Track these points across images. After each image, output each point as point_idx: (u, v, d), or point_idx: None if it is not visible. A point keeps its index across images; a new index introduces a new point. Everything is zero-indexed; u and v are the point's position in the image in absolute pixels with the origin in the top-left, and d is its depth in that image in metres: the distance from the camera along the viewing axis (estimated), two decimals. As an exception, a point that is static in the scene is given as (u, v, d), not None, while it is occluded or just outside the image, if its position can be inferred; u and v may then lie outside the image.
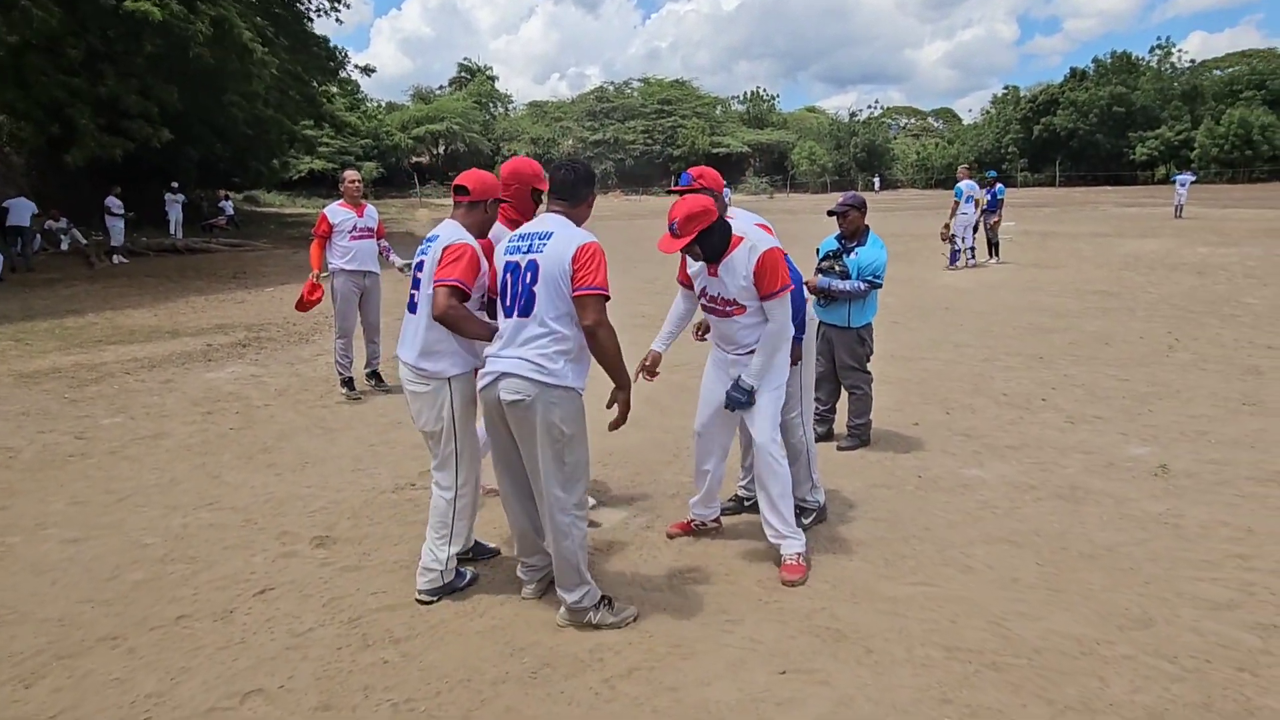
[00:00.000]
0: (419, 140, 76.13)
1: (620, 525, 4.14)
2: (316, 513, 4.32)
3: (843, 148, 72.28)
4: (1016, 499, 4.31)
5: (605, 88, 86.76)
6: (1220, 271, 13.49)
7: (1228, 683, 2.68)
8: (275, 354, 8.67)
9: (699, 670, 2.83)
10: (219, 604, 3.35)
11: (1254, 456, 4.84)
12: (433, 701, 2.69)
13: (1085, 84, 64.54)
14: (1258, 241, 17.86)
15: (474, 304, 3.28)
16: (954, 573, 3.51)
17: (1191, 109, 61.25)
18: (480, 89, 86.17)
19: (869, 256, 5.00)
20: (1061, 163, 63.96)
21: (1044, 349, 8.06)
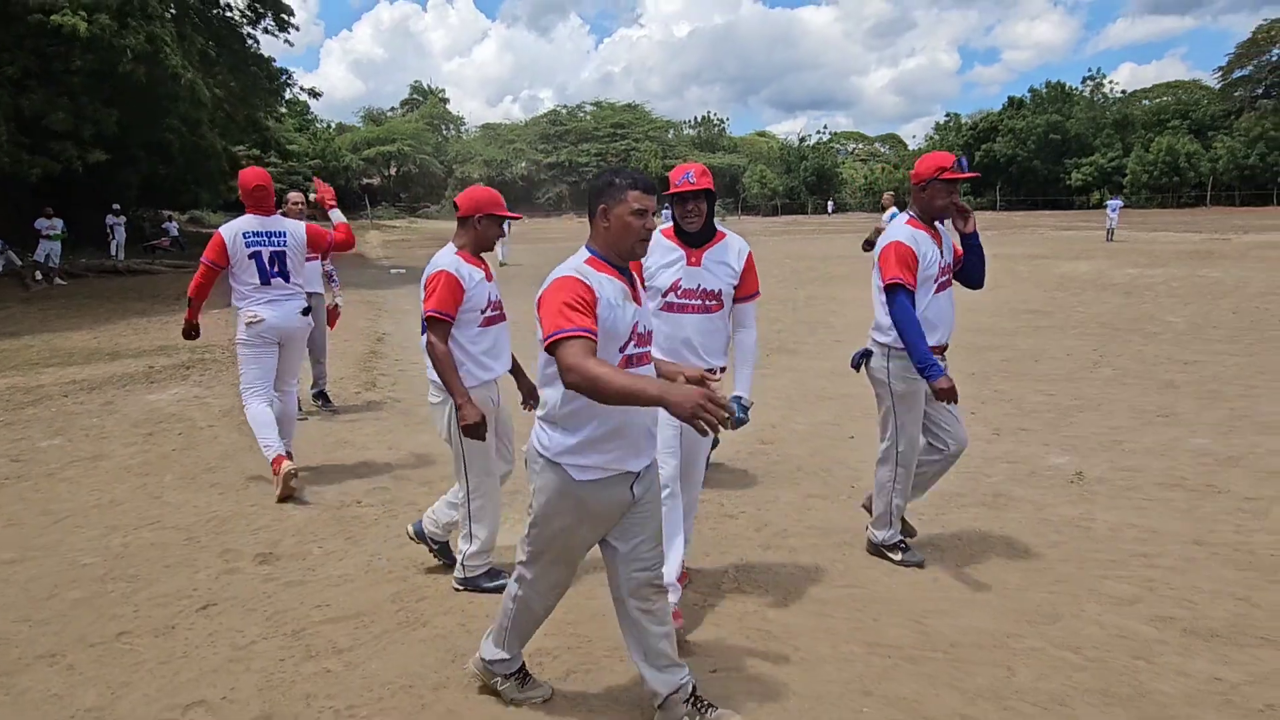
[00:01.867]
0: (370, 162, 75.67)
1: (564, 537, 4.24)
2: (260, 530, 4.34)
3: (793, 171, 73.66)
4: (943, 506, 4.52)
5: (559, 111, 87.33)
6: (1146, 291, 14.14)
7: (1124, 670, 2.89)
8: (219, 375, 8.59)
9: (635, 672, 2.94)
10: (160, 620, 3.37)
11: (1163, 464, 5.14)
12: (374, 707, 2.75)
13: (1023, 112, 66.96)
14: (1182, 263, 18.72)
15: (474, 320, 3.48)
16: (879, 575, 3.69)
17: (1123, 137, 63.88)
18: (432, 111, 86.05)
19: None
20: (1001, 188, 66.10)
21: (978, 366, 8.39)
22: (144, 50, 16.98)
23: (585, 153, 78.43)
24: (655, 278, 3.30)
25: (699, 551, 3.94)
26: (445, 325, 3.39)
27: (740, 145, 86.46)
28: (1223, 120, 62.00)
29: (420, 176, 78.12)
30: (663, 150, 77.72)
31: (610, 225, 2.43)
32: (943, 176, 3.56)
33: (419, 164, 76.85)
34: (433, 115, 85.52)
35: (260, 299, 5.04)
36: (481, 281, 3.51)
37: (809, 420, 6.46)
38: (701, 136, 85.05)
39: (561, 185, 78.30)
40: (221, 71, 25.09)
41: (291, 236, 5.15)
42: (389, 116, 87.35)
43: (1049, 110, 65.85)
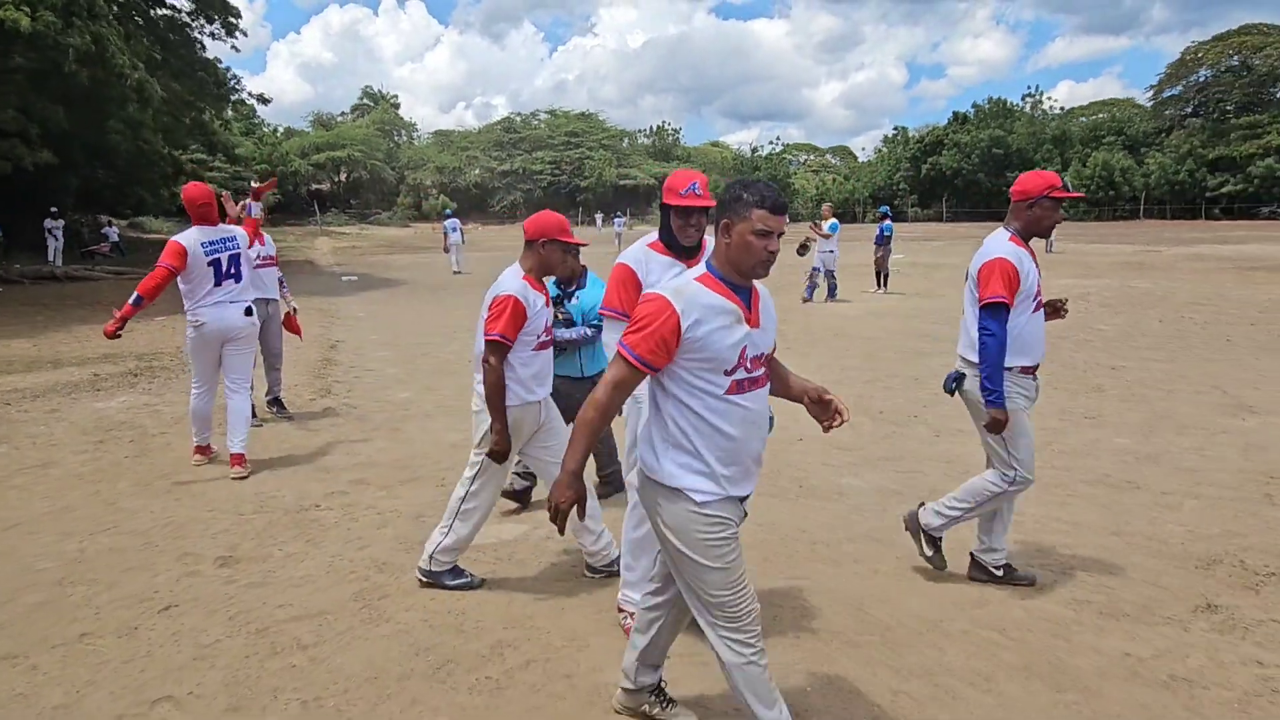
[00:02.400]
0: (319, 167, 74.54)
1: (522, 538, 4.37)
2: (219, 534, 4.38)
3: (745, 182, 74.51)
4: (884, 503, 4.76)
5: (512, 118, 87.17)
6: (1080, 301, 14.72)
7: (1044, 648, 3.13)
8: (169, 383, 8.50)
9: (591, 659, 3.09)
10: (122, 621, 3.41)
11: (1088, 463, 5.47)
12: (341, 699, 2.86)
13: (967, 127, 68.91)
14: (1115, 274, 19.54)
15: (529, 344, 3.56)
16: (824, 566, 3.90)
17: (1061, 152, 66.15)
18: (384, 116, 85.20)
19: (593, 299, 4.64)
20: (948, 199, 67.91)
21: (920, 371, 8.71)
22: (88, 50, 16.59)
23: (540, 160, 78.37)
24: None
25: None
26: (505, 349, 3.47)
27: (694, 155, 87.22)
28: (1155, 137, 64.59)
29: (371, 183, 77.24)
30: (617, 159, 78.09)
31: (731, 242, 2.30)
32: (1052, 194, 3.54)
33: (370, 170, 75.97)
34: (384, 121, 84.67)
35: (208, 302, 5.30)
36: (542, 308, 3.60)
37: (759, 424, 6.68)
38: (656, 146, 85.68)
39: (516, 193, 78.08)
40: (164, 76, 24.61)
41: (241, 239, 5.54)
42: (339, 121, 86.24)
43: (991, 125, 67.91)
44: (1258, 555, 3.93)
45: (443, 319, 13.64)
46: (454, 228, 23.68)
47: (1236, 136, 58.15)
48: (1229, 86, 61.34)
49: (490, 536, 4.31)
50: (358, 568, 3.95)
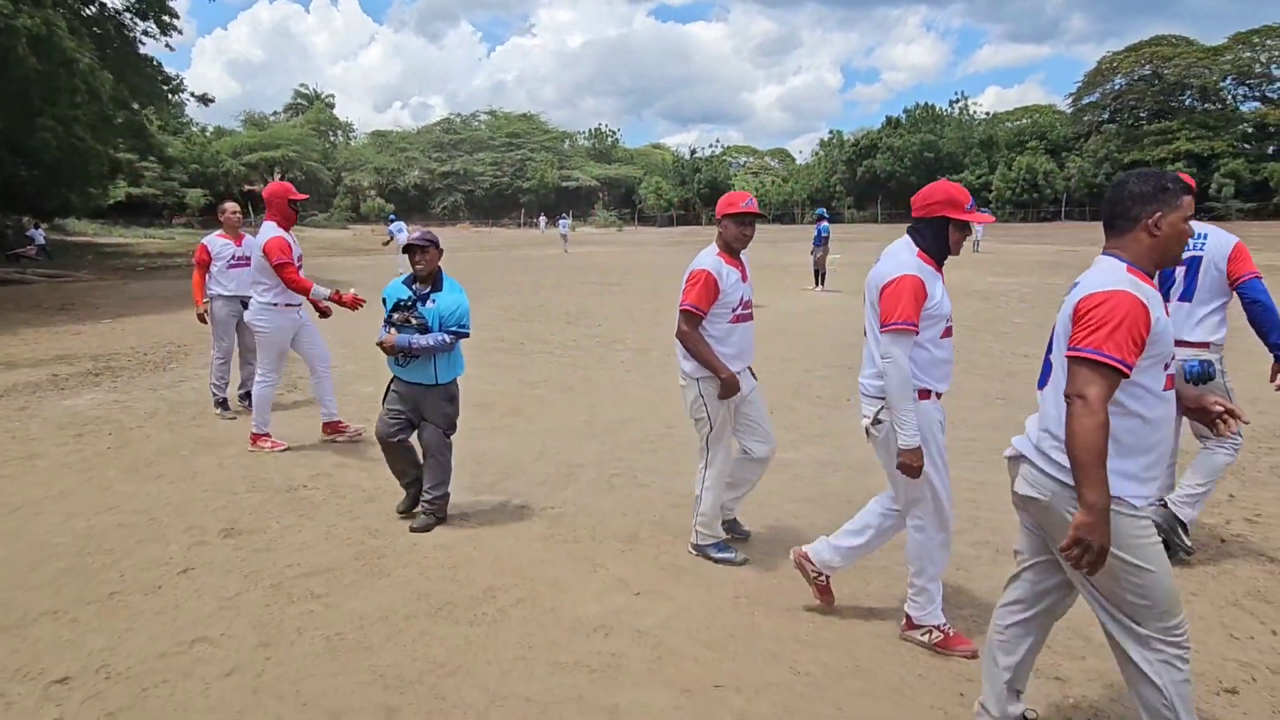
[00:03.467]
0: (252, 168, 72.99)
1: (500, 506, 4.84)
2: (218, 510, 4.75)
3: (687, 183, 75.62)
4: (820, 471, 5.38)
5: (452, 119, 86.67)
6: (1001, 297, 15.77)
7: (950, 579, 3.75)
8: (133, 381, 8.69)
9: (573, 598, 3.61)
10: (146, 582, 3.79)
11: (996, 436, 6.18)
12: (358, 634, 3.31)
13: (900, 131, 71.18)
14: (1034, 272, 20.78)
15: (725, 316, 3.81)
16: (770, 523, 4.49)
17: (988, 156, 68.82)
18: (319, 116, 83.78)
19: (450, 303, 4.47)
20: (882, 201, 70.02)
21: (854, 361, 9.36)
22: (40, 34, 16.25)
23: (481, 162, 78.15)
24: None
25: (615, 511, 4.64)
26: (696, 319, 3.76)
27: (635, 157, 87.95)
28: (1074, 142, 67.70)
29: (307, 184, 75.86)
30: (559, 161, 78.36)
31: (1163, 233, 2.22)
32: None
33: (306, 170, 74.71)
34: (319, 121, 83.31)
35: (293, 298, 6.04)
36: (738, 281, 3.82)
37: (707, 409, 7.26)
38: (596, 148, 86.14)
39: (457, 194, 77.73)
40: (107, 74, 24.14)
41: None
42: (272, 121, 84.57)
43: (922, 130, 70.28)
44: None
45: (396, 318, 13.92)
46: (399, 229, 23.73)
47: (1149, 142, 61.44)
48: (1142, 94, 64.76)
49: (471, 506, 4.79)
50: (353, 535, 4.38)
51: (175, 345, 11.18)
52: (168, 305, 16.41)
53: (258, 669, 3.07)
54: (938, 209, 3.09)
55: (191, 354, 10.42)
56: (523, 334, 11.82)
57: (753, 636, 3.28)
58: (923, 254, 3.13)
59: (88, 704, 2.86)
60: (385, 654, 3.16)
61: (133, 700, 2.88)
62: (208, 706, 2.84)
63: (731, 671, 3.02)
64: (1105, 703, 2.83)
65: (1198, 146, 59.05)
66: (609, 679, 2.98)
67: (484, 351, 10.37)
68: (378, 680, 2.98)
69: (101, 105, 20.57)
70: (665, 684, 2.95)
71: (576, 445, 6.09)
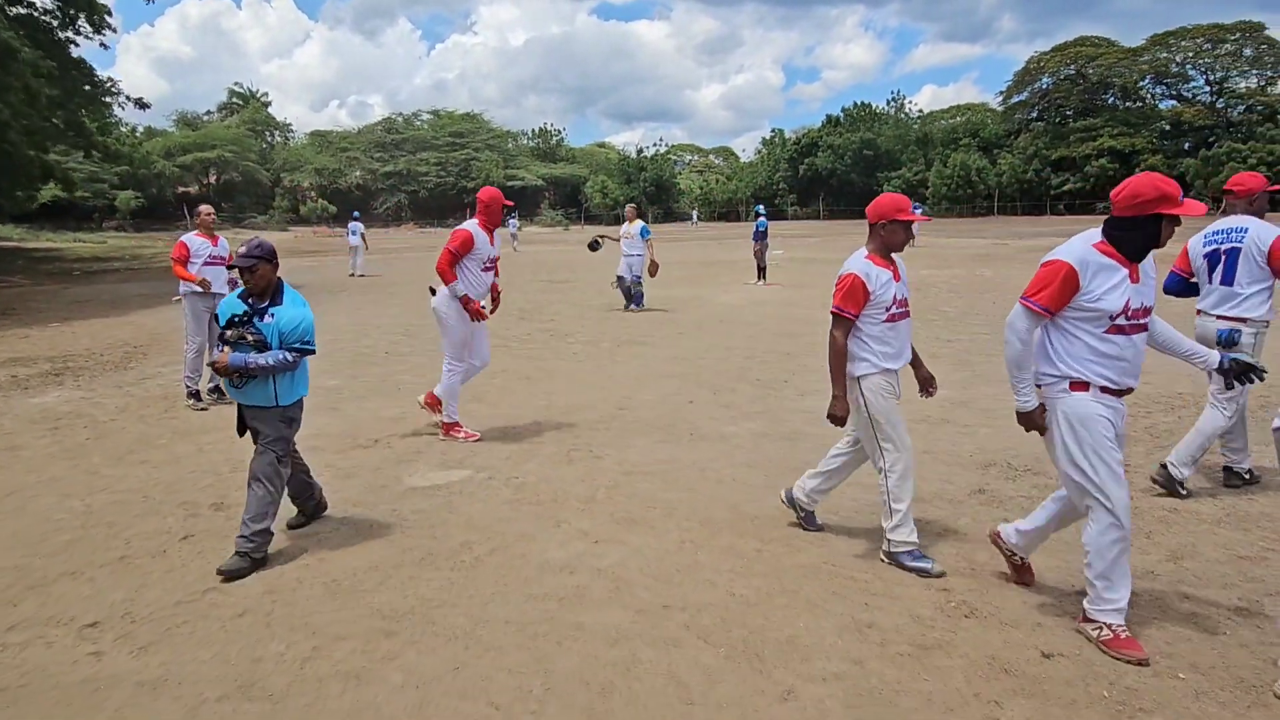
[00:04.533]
0: (186, 169, 71.43)
1: (468, 479, 5.32)
2: (206, 488, 5.14)
3: (633, 182, 76.17)
4: (757, 442, 5.98)
5: (394, 119, 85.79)
6: (931, 288, 16.67)
7: (866, 519, 4.37)
8: (97, 379, 8.90)
9: (539, 546, 4.13)
10: (151, 547, 4.19)
11: (916, 408, 6.79)
12: (353, 580, 3.78)
13: (839, 129, 72.86)
14: (964, 265, 21.86)
15: (879, 317, 3.78)
16: (711, 484, 5.05)
17: (924, 153, 70.93)
18: (255, 116, 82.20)
19: (292, 318, 4.05)
20: (825, 198, 71.64)
21: (791, 348, 10.09)
22: None
23: (424, 162, 77.59)
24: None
25: (573, 478, 5.17)
26: (847, 322, 3.77)
27: (580, 156, 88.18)
28: (1005, 139, 70.18)
29: (245, 185, 74.54)
30: (504, 160, 78.20)
31: None
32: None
33: (243, 171, 73.35)
34: (255, 120, 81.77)
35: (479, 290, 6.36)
36: (889, 281, 3.78)
37: (657, 392, 7.81)
38: (541, 147, 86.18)
39: (400, 195, 77.08)
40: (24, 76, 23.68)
41: None
42: (205, 121, 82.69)
43: (861, 128, 72.07)
44: (1022, 460, 5.36)
45: (349, 317, 14.18)
46: (354, 230, 23.76)
47: (1075, 139, 64.11)
48: (1067, 93, 67.47)
49: (441, 480, 5.26)
50: (336, 505, 4.82)
51: (131, 346, 11.31)
52: (115, 309, 16.37)
53: (267, 609, 3.52)
54: (1151, 206, 3.04)
55: (150, 354, 10.60)
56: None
57: (695, 570, 3.84)
58: (1103, 244, 3.15)
59: (119, 642, 3.28)
60: (379, 595, 3.64)
61: (159, 637, 3.31)
62: (227, 639, 3.29)
63: (677, 596, 3.57)
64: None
65: (1120, 143, 61.85)
66: (575, 604, 3.51)
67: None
68: (375, 613, 3.46)
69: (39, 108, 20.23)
70: (622, 606, 3.49)
71: (536, 425, 6.59)
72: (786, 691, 2.85)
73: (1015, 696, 2.78)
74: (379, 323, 13.23)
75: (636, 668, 3.02)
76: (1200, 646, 3.08)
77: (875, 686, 2.86)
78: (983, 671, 2.93)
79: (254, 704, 2.83)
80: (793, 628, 3.28)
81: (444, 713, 2.76)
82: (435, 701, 2.83)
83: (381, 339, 11.52)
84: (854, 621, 3.33)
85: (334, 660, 3.10)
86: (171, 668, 3.07)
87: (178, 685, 2.95)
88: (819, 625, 3.30)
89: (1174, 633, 3.19)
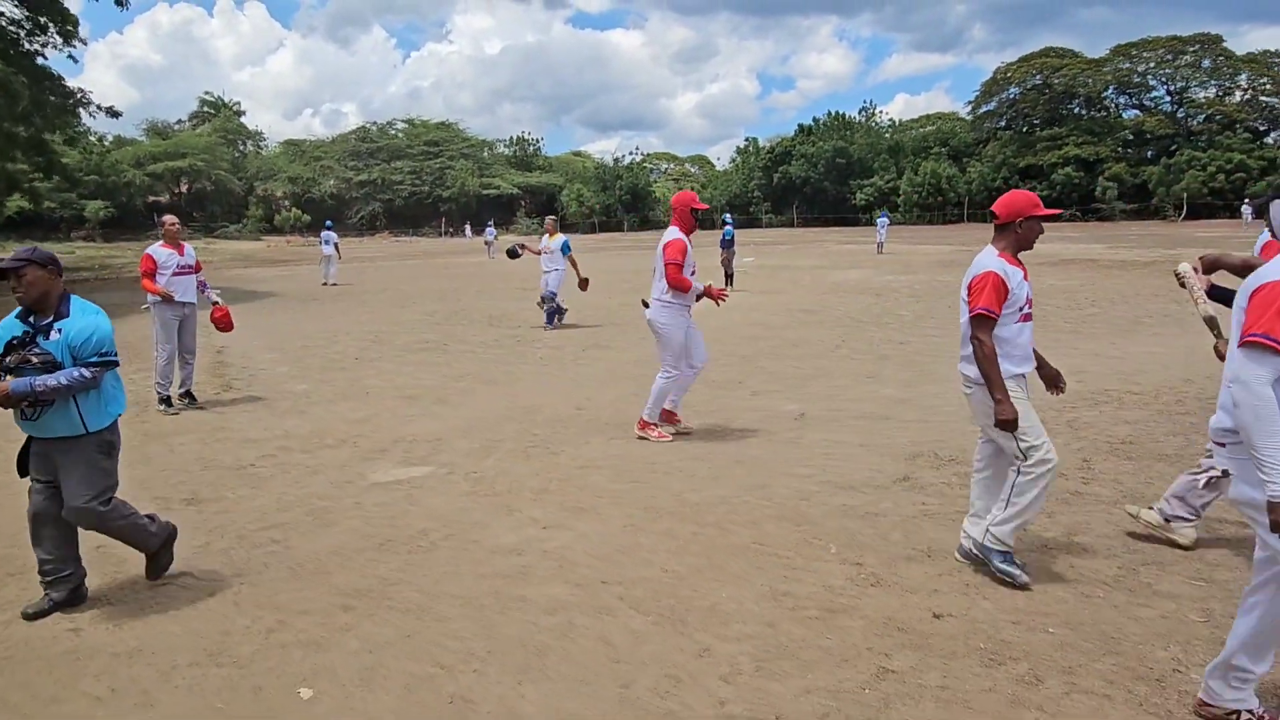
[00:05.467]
0: (157, 178, 70.85)
1: (429, 474, 5.62)
2: (178, 485, 5.41)
3: (608, 190, 76.54)
4: (709, 437, 6.33)
5: (368, 127, 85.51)
6: (893, 294, 17.18)
7: (793, 505, 4.72)
8: (69, 386, 9.06)
9: (492, 533, 4.44)
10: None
11: (860, 406, 7.26)
12: (318, 564, 4.07)
13: (813, 138, 73.72)
14: (929, 271, 22.41)
15: (1014, 317, 3.65)
16: (659, 475, 5.39)
17: (896, 161, 71.91)
18: (226, 125, 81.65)
19: (83, 329, 3.55)
20: (798, 206, 72.47)
21: (750, 351, 10.47)
22: None
23: (399, 170, 77.45)
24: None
25: (529, 473, 5.48)
26: (990, 322, 3.58)
27: (556, 164, 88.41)
28: (974, 148, 71.38)
29: (217, 194, 73.99)
30: (479, 169, 78.29)
31: None
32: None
33: (215, 181, 72.82)
34: (227, 129, 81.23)
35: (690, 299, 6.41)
36: (1022, 280, 3.66)
37: (615, 393, 8.15)
38: (517, 156, 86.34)
39: (375, 204, 76.88)
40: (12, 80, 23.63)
41: None
42: (177, 130, 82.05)
43: (834, 137, 73.01)
44: (947, 450, 5.75)
45: (320, 325, 14.40)
46: (326, 240, 23.88)
47: (1041, 147, 65.41)
48: (1034, 102, 68.83)
49: (403, 475, 5.56)
50: (302, 499, 5.10)
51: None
52: (86, 317, 16.43)
53: (235, 592, 3.81)
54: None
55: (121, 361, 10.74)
56: (446, 335, 12.52)
57: (634, 550, 4.17)
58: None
59: (96, 619, 3.57)
60: (340, 576, 3.94)
61: (134, 615, 3.59)
62: (197, 615, 3.58)
63: (615, 573, 3.90)
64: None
65: (1084, 152, 63.21)
66: (520, 580, 3.83)
67: (409, 351, 11.05)
68: (335, 592, 3.76)
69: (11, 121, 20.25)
70: (564, 582, 3.81)
71: (497, 425, 6.90)
72: (704, 649, 3.18)
73: (904, 649, 3.14)
74: (349, 330, 13.47)
75: (572, 632, 3.34)
76: (1075, 607, 3.46)
77: (782, 643, 3.21)
78: (879, 630, 3.29)
79: (222, 669, 3.12)
80: (716, 597, 3.62)
81: (394, 673, 3.07)
82: (387, 664, 3.13)
83: (351, 345, 11.77)
84: (772, 591, 3.67)
85: (296, 631, 3.39)
86: (145, 640, 3.36)
87: (152, 654, 3.24)
88: (740, 595, 3.64)
89: (1055, 596, 3.56)
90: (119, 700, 2.93)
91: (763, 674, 3.00)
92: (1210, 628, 3.24)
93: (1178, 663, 3.01)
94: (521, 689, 2.94)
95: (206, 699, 2.92)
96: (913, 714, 2.74)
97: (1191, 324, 11.58)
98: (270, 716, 2.81)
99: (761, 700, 2.84)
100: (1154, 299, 14.71)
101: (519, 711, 2.81)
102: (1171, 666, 2.98)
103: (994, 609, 3.46)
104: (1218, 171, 58.03)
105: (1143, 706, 2.75)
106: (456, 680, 3.00)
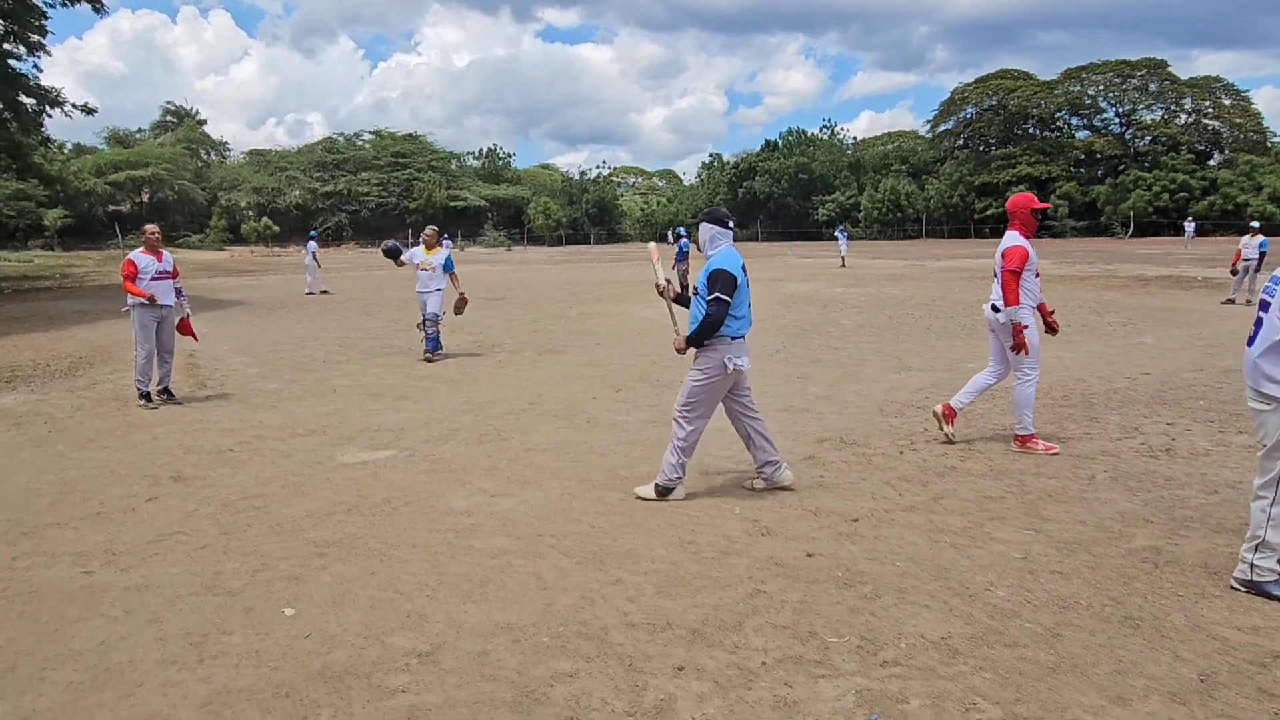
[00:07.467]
0: (118, 187, 70.27)
1: (391, 457, 6.28)
2: (164, 465, 6.01)
3: (575, 203, 77.39)
4: (642, 427, 7.07)
5: (334, 138, 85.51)
6: (839, 305, 18.10)
7: (733, 480, 5.46)
8: (47, 385, 9.57)
9: (447, 501, 5.12)
10: (122, 506, 5.07)
11: (786, 400, 8.05)
12: (294, 524, 4.73)
13: (777, 154, 75.31)
14: (878, 284, 23.44)
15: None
16: (596, 456, 6.11)
17: (857, 178, 73.73)
18: (190, 134, 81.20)
19: None
20: (762, 220, 73.87)
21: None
22: None
23: (365, 182, 77.54)
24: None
25: (482, 454, 6.17)
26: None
27: (524, 177, 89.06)
28: (933, 165, 73.47)
29: (179, 204, 73.48)
30: (447, 181, 78.64)
31: None
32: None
33: (178, 190, 72.35)
34: (190, 139, 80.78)
35: None
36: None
37: (566, 390, 8.86)
38: (486, 168, 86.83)
39: (341, 215, 76.85)
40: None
41: None
42: (139, 138, 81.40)
43: (797, 153, 74.65)
44: (854, 436, 6.55)
45: (288, 331, 14.94)
46: (308, 250, 23.96)
47: (996, 166, 67.58)
48: (989, 122, 71.11)
49: (369, 457, 6.21)
50: (278, 475, 5.74)
51: (76, 358, 11.91)
52: (54, 325, 16.82)
53: (223, 545, 4.45)
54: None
55: (96, 364, 11.24)
56: (410, 341, 13.11)
57: (568, 512, 4.88)
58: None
59: (105, 565, 4.18)
60: (314, 532, 4.60)
61: (138, 562, 4.22)
62: (192, 561, 4.22)
63: (550, 528, 4.61)
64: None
65: (1037, 170, 65.47)
66: (469, 534, 4.53)
67: (375, 355, 11.66)
68: (310, 543, 4.42)
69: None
70: (506, 535, 4.51)
71: (455, 417, 7.57)
72: (616, 580, 3.90)
73: (776, 578, 3.88)
74: (318, 336, 14.02)
75: (509, 570, 4.05)
76: (922, 549, 4.23)
77: (680, 575, 3.94)
78: (760, 565, 4.04)
79: (217, 597, 3.77)
80: (632, 545, 4.35)
81: (361, 598, 3.74)
82: (355, 592, 3.81)
83: (319, 350, 12.34)
84: (679, 540, 4.40)
85: (278, 570, 4.05)
86: (150, 579, 3.99)
87: (157, 588, 3.88)
88: (651, 543, 4.37)
89: (911, 544, 4.34)
90: (133, 619, 3.57)
91: (661, 595, 3.73)
92: (1027, 564, 4.03)
93: (990, 585, 3.79)
94: (465, 607, 3.63)
95: (206, 616, 3.57)
96: (774, 619, 3.48)
97: (1104, 332, 12.62)
98: (261, 628, 3.47)
99: (657, 613, 3.56)
100: (1079, 310, 15.77)
101: (462, 622, 3.50)
102: (984, 587, 3.77)
103: (858, 551, 4.22)
104: (1162, 191, 60.46)
105: (953, 612, 3.52)
106: (412, 602, 3.69)
